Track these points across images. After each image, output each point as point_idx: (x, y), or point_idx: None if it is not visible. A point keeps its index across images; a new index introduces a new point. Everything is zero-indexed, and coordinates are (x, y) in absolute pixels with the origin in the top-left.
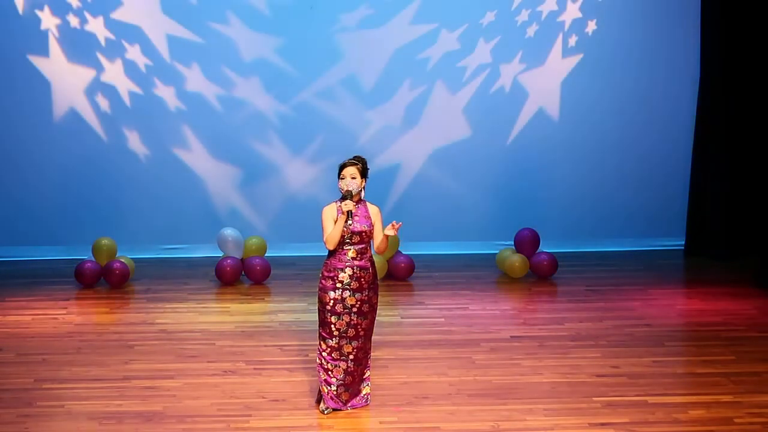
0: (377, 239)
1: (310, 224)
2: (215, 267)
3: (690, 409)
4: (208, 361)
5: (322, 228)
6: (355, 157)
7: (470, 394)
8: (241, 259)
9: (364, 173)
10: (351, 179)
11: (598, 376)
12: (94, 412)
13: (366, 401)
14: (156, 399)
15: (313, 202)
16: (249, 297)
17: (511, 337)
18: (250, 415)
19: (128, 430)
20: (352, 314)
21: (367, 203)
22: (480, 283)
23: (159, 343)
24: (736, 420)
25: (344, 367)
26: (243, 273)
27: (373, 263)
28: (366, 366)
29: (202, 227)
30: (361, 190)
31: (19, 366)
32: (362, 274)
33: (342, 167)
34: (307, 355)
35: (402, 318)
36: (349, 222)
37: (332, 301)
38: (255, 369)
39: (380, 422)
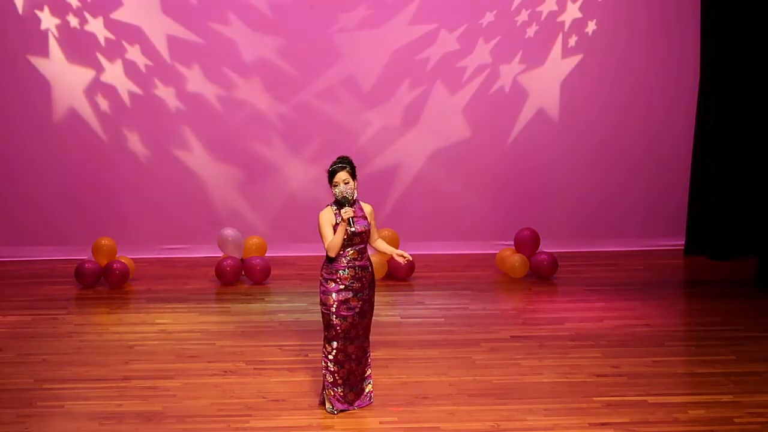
0: (373, 238)
1: (310, 224)
2: (215, 267)
3: (690, 409)
4: (208, 361)
5: (321, 235)
6: (341, 160)
7: (470, 394)
8: (241, 259)
9: (354, 175)
10: (344, 185)
11: (598, 376)
12: (94, 412)
13: (370, 399)
14: (156, 399)
15: (313, 202)
16: (249, 297)
17: (511, 337)
18: (250, 415)
19: (128, 430)
20: (355, 315)
21: (361, 202)
22: (480, 283)
23: (159, 343)
24: (736, 420)
25: (348, 367)
26: (243, 273)
27: (371, 262)
28: (366, 365)
29: (202, 227)
30: (354, 192)
31: (19, 366)
32: (363, 273)
33: (332, 173)
34: (307, 355)
35: (402, 318)
36: (352, 228)
37: (336, 303)
38: (255, 369)
39: (380, 422)
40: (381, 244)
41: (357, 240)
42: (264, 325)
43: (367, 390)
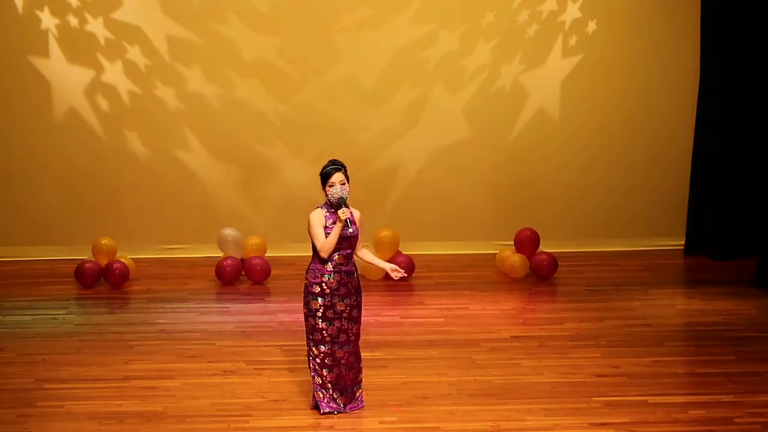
0: (358, 244)
1: None
2: (215, 267)
3: (690, 409)
4: (208, 361)
5: (312, 235)
6: (335, 162)
7: (470, 394)
8: (241, 259)
9: (347, 178)
10: (341, 185)
11: (598, 376)
12: (94, 412)
13: (362, 403)
14: (156, 399)
15: (313, 202)
16: (249, 297)
17: (511, 337)
18: (250, 415)
19: (128, 430)
20: (343, 319)
21: (350, 208)
22: (480, 283)
23: (159, 343)
24: (736, 420)
25: (338, 372)
26: (243, 273)
27: (356, 267)
28: (359, 369)
29: (202, 227)
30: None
31: (19, 366)
32: (348, 279)
33: (327, 175)
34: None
35: (402, 318)
36: (350, 230)
37: (322, 308)
38: (255, 369)
39: (380, 422)
40: (367, 255)
41: (344, 245)
42: (264, 325)
43: (358, 394)
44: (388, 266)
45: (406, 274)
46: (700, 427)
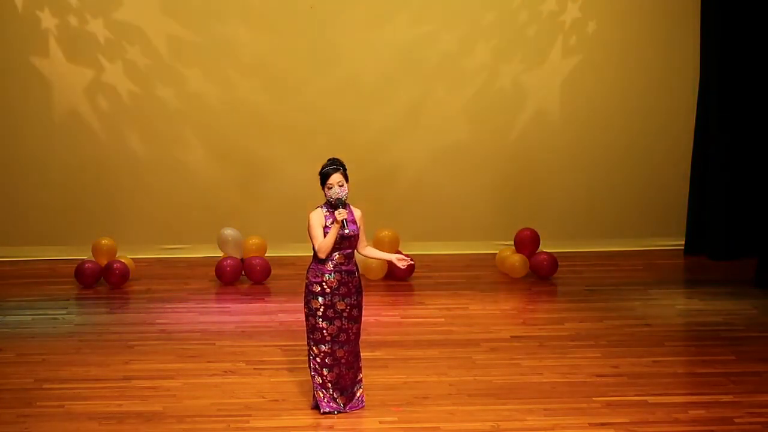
0: (361, 244)
1: None
2: (215, 267)
3: (690, 409)
4: (208, 361)
5: (311, 236)
6: (334, 162)
7: (470, 394)
8: (241, 259)
9: (347, 177)
10: (339, 187)
11: (598, 376)
12: (94, 412)
13: (362, 403)
14: (156, 399)
15: (313, 202)
16: (249, 297)
17: (511, 337)
18: (250, 415)
19: (128, 430)
20: (343, 319)
21: (351, 206)
22: (480, 283)
23: (159, 343)
24: (736, 420)
25: (338, 371)
26: (243, 273)
27: (357, 267)
28: (358, 369)
29: (202, 227)
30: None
31: (19, 366)
32: (349, 278)
33: (326, 175)
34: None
35: (402, 318)
36: (347, 230)
37: (322, 307)
38: (255, 369)
39: (380, 422)
40: (372, 251)
41: (345, 244)
42: (264, 325)
43: (358, 394)
44: (394, 256)
45: (412, 261)
46: (700, 427)
